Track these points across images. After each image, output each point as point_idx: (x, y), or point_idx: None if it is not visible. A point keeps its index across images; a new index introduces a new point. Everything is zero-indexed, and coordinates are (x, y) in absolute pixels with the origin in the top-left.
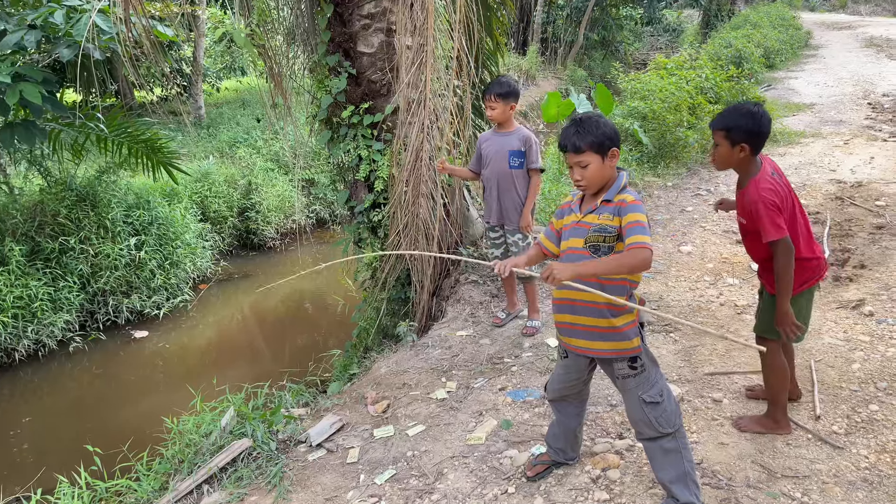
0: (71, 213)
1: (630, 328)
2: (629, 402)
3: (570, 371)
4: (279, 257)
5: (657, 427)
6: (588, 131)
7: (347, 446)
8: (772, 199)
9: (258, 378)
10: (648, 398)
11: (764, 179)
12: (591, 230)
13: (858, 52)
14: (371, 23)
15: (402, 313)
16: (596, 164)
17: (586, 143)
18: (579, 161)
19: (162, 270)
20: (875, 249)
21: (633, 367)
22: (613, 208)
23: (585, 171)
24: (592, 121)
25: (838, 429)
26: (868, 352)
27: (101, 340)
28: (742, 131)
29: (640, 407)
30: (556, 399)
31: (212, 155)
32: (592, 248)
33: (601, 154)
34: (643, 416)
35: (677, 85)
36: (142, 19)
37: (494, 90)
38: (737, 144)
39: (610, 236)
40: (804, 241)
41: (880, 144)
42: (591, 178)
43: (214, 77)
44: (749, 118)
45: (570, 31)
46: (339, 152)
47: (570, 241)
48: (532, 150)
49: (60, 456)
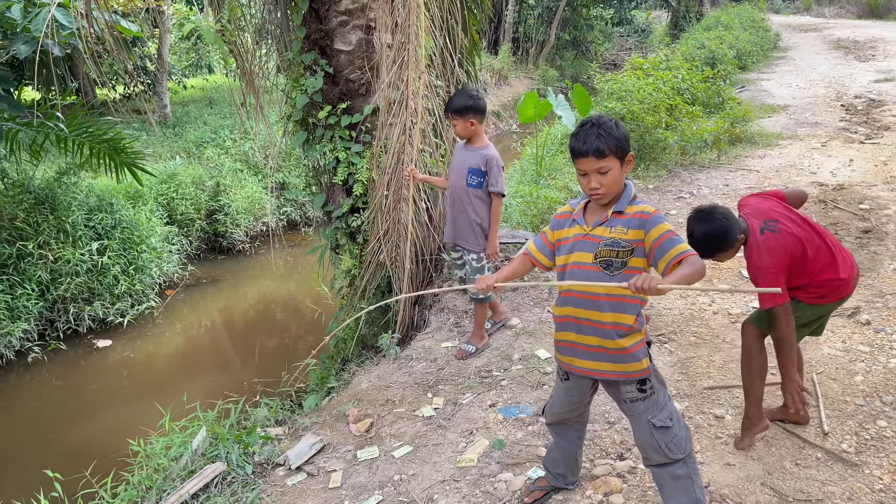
0: (29, 216)
1: (639, 348)
2: (637, 427)
3: (573, 394)
4: (249, 261)
5: (667, 453)
6: (610, 133)
7: (329, 469)
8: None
9: (229, 389)
10: (658, 422)
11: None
12: (602, 244)
13: (827, 53)
14: (349, 19)
15: (382, 323)
16: (616, 170)
17: (610, 146)
18: (600, 167)
19: (126, 276)
20: (864, 254)
21: (643, 389)
22: (627, 220)
23: (605, 177)
24: (611, 123)
25: (848, 447)
26: (869, 363)
27: (61, 350)
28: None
29: (649, 432)
30: (556, 423)
31: (178, 155)
32: (604, 264)
33: (620, 159)
34: (653, 441)
35: (654, 86)
36: (104, 14)
37: (450, 106)
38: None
39: (623, 251)
40: (825, 266)
41: (857, 146)
42: (610, 186)
43: (180, 74)
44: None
45: (542, 31)
46: (315, 154)
47: (575, 255)
48: (493, 173)
49: (17, 480)
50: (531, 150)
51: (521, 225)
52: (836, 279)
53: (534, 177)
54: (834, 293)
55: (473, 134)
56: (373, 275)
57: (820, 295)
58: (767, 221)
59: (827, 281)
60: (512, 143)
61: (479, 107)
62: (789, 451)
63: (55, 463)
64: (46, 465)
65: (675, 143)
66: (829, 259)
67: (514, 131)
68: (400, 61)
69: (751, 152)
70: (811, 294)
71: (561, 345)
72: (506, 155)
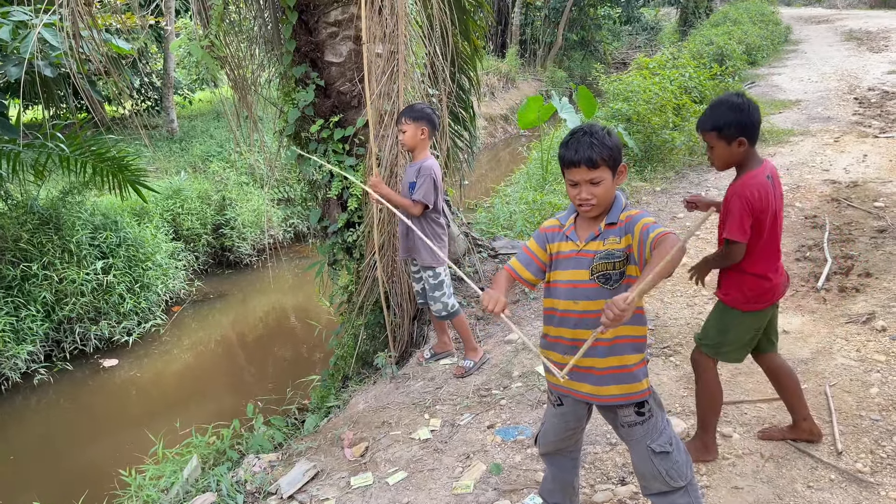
0: (33, 237)
1: (640, 367)
2: (636, 453)
3: (568, 420)
4: (256, 274)
5: (668, 481)
6: (603, 143)
7: (322, 498)
8: (750, 200)
9: (234, 407)
10: (658, 448)
11: (756, 177)
12: (597, 258)
13: (839, 45)
14: (338, 30)
15: (381, 339)
16: (609, 181)
17: (603, 156)
18: (592, 178)
19: (132, 294)
20: (879, 255)
21: (641, 412)
22: (619, 229)
23: (597, 188)
24: (603, 132)
25: (863, 466)
26: (885, 373)
27: (67, 371)
28: (733, 126)
29: (648, 458)
30: (550, 453)
31: (184, 170)
32: (602, 279)
33: (612, 170)
34: (652, 468)
35: (661, 85)
36: (94, 33)
37: (406, 111)
38: (733, 141)
39: (619, 261)
40: (768, 258)
41: (872, 141)
42: (603, 198)
43: (186, 89)
44: (737, 111)
45: (549, 32)
46: (309, 169)
47: (568, 272)
48: (419, 182)
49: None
50: (537, 155)
51: (524, 234)
52: (766, 276)
53: (539, 182)
54: (762, 297)
55: (420, 145)
56: (369, 290)
57: (747, 298)
58: (772, 177)
59: (760, 276)
60: (520, 146)
61: (433, 119)
62: (801, 473)
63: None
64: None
65: (683, 144)
66: (773, 251)
67: (522, 135)
68: (390, 71)
69: (761, 150)
70: (744, 291)
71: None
72: (513, 159)
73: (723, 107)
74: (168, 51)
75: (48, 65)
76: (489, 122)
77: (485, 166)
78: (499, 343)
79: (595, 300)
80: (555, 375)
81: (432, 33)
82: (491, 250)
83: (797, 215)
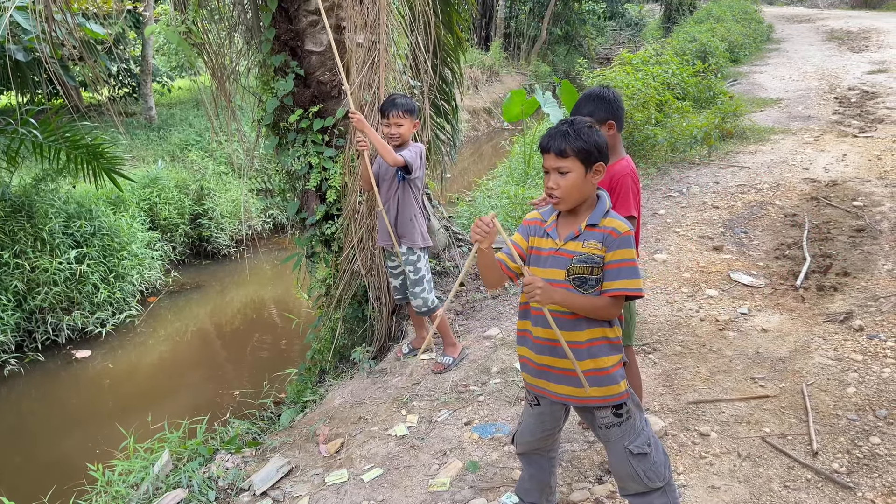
0: (5, 225)
1: (617, 369)
2: (613, 454)
3: (545, 421)
4: (234, 265)
5: (645, 482)
6: (578, 135)
7: (295, 495)
8: (635, 181)
9: (208, 401)
10: (636, 449)
11: (631, 161)
12: (575, 260)
13: (820, 45)
14: (319, 19)
15: (359, 333)
16: (577, 174)
17: (574, 147)
18: (560, 167)
19: (106, 284)
20: (857, 254)
21: (618, 414)
22: (600, 235)
23: (563, 179)
24: (584, 126)
25: (839, 466)
26: (862, 373)
27: (39, 362)
28: (602, 111)
29: (626, 459)
30: (527, 453)
31: (161, 159)
32: (577, 281)
33: (585, 165)
34: (630, 469)
35: (644, 81)
36: (67, 16)
37: (403, 105)
38: (603, 124)
39: (598, 267)
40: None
41: (851, 140)
42: (568, 190)
43: (165, 76)
44: (603, 99)
45: (533, 26)
46: (287, 159)
47: (546, 271)
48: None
49: None
50: (519, 149)
51: (504, 228)
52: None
53: (521, 176)
54: None
55: (408, 138)
56: (348, 283)
57: None
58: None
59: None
60: (502, 140)
61: (415, 109)
62: (777, 472)
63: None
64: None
65: (665, 140)
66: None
67: (504, 128)
68: (371, 61)
69: (742, 148)
70: None
71: (529, 364)
72: (496, 153)
73: (591, 97)
74: (146, 37)
75: (21, 49)
76: (472, 115)
77: (467, 160)
78: (478, 339)
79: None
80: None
81: (415, 24)
82: (471, 244)
83: (777, 213)
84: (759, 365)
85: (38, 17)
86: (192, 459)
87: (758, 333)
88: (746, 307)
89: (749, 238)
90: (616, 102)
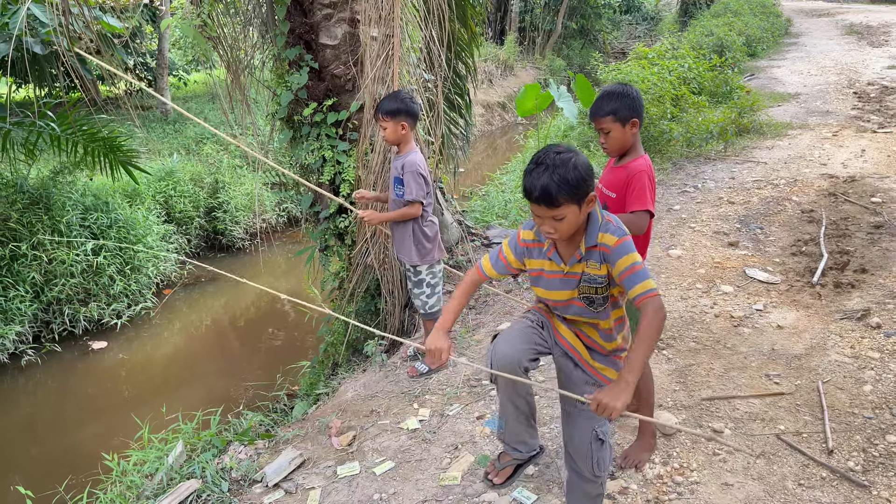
0: (23, 216)
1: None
2: (579, 431)
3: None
4: (248, 258)
5: (593, 468)
6: (565, 179)
7: (308, 487)
8: (652, 179)
9: (224, 392)
10: (601, 434)
11: (648, 160)
12: (583, 281)
13: (839, 39)
14: (333, 12)
15: (373, 327)
16: (573, 215)
17: (564, 194)
18: (554, 215)
19: (122, 276)
20: (875, 251)
21: None
22: (598, 254)
23: (560, 224)
24: (566, 163)
25: (855, 464)
26: (879, 371)
27: (56, 352)
28: (626, 109)
29: (588, 441)
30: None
31: (176, 152)
32: (587, 301)
33: (578, 204)
34: (588, 450)
35: (659, 75)
36: (84, 10)
37: (381, 107)
38: (627, 122)
39: (601, 287)
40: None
41: (870, 136)
42: (567, 232)
43: (181, 70)
44: (626, 96)
45: (548, 20)
46: (301, 153)
47: (556, 293)
48: (406, 180)
49: None
50: (533, 143)
51: (518, 223)
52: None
53: None
54: None
55: (403, 139)
56: (361, 277)
57: None
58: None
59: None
60: (516, 135)
61: (412, 111)
62: (792, 470)
63: (36, 474)
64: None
65: (680, 135)
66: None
67: (519, 123)
68: (385, 55)
69: (759, 143)
70: None
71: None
72: (509, 147)
73: (614, 94)
74: (162, 31)
75: (38, 42)
76: (486, 109)
77: (481, 154)
78: (490, 333)
79: (583, 316)
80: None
81: (429, 17)
82: (484, 239)
83: (793, 209)
84: (774, 362)
85: (55, 11)
86: (206, 450)
87: (773, 330)
88: (762, 304)
89: (765, 234)
90: (639, 99)
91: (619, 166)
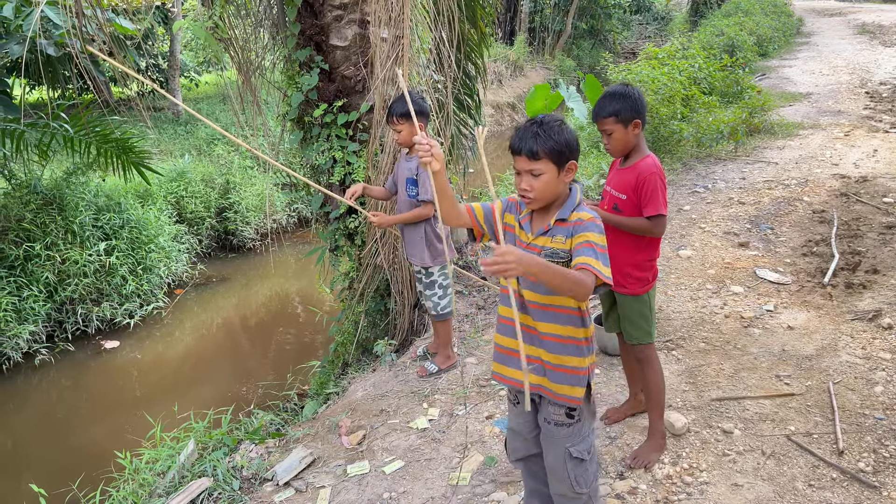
0: (36, 217)
1: (588, 373)
2: (552, 452)
3: (529, 420)
4: (259, 259)
5: (574, 486)
6: (549, 136)
7: (318, 485)
8: (663, 179)
9: (235, 391)
10: (576, 452)
11: (656, 159)
12: (542, 255)
13: (851, 39)
14: (344, 14)
15: (382, 327)
16: (550, 175)
17: (545, 148)
18: (532, 169)
19: (134, 276)
20: (887, 252)
21: (571, 415)
22: (567, 229)
23: (537, 180)
24: (555, 125)
25: (865, 466)
26: (891, 372)
27: (69, 352)
28: (629, 111)
29: (563, 461)
30: (523, 458)
31: (188, 153)
32: None
33: (558, 165)
34: (563, 471)
35: (670, 76)
36: (97, 12)
37: (397, 109)
38: (629, 123)
39: (563, 262)
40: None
41: (882, 136)
42: (542, 192)
43: (193, 71)
44: (628, 97)
45: (558, 21)
46: (311, 154)
47: None
48: (421, 179)
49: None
50: None
51: None
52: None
53: None
54: (655, 276)
55: (411, 143)
56: (371, 277)
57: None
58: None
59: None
60: None
61: (426, 111)
62: (802, 471)
63: (50, 471)
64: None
65: (691, 136)
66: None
67: None
68: (395, 56)
69: (770, 143)
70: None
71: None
72: None
73: (616, 95)
74: (174, 32)
75: (52, 44)
76: (496, 109)
77: (491, 154)
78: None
79: (535, 292)
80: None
81: (439, 18)
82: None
83: (805, 209)
84: (784, 363)
85: (68, 13)
86: (217, 449)
87: (783, 331)
88: (772, 304)
89: (776, 234)
90: (641, 100)
91: (626, 168)
